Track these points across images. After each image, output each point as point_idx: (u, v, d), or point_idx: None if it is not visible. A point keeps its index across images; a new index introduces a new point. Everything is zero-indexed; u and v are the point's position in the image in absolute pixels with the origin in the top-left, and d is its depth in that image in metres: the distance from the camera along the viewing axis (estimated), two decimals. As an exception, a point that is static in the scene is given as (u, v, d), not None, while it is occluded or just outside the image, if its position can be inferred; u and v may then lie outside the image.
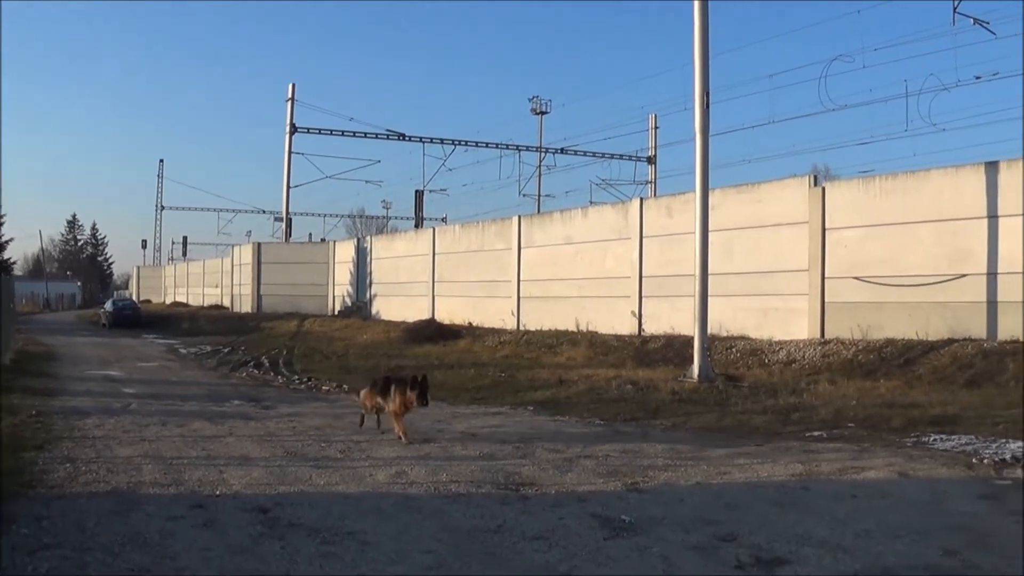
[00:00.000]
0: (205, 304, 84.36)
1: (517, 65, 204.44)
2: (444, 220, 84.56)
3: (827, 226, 27.68)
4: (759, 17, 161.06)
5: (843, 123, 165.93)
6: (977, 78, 41.12)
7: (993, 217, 23.84)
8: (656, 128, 71.66)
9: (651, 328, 32.78)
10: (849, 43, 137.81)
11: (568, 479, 11.36)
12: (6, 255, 72.27)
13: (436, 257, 49.09)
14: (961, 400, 18.90)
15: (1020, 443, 13.77)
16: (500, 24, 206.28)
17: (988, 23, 36.57)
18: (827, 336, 27.13)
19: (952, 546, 8.08)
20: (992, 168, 24.11)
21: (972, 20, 36.21)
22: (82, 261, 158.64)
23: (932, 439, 14.75)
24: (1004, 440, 14.45)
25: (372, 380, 16.22)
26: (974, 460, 12.80)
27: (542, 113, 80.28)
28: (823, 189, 28.28)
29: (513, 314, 41.35)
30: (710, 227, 24.25)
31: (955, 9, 34.98)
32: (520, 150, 69.37)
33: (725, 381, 22.61)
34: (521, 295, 41.39)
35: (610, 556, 7.97)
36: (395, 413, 14.79)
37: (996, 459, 12.91)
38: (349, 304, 59.05)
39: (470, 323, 43.32)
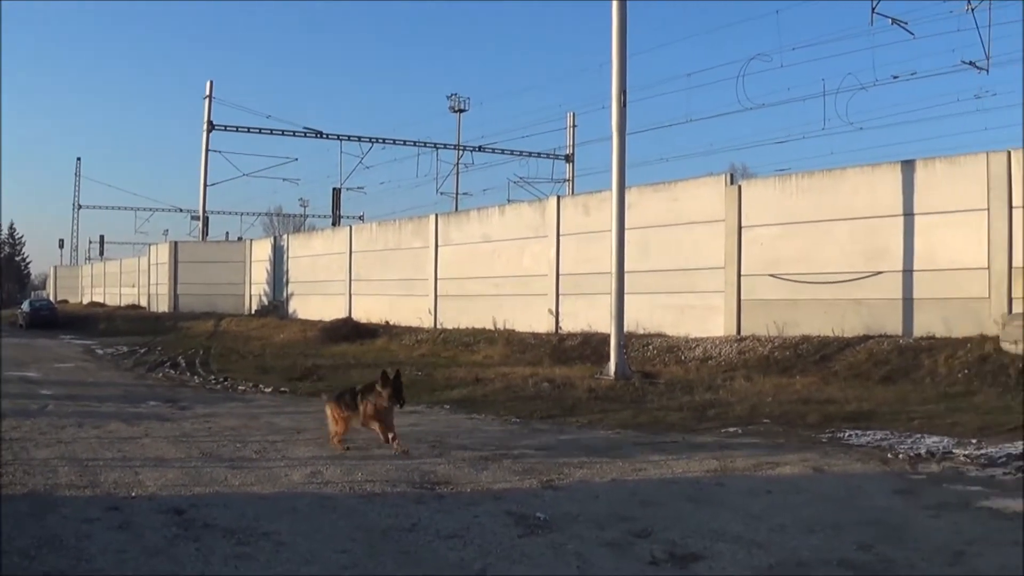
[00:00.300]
0: (122, 304, 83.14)
1: (435, 63, 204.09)
2: (362, 218, 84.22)
3: (743, 224, 27.88)
4: (678, 16, 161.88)
5: (761, 122, 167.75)
6: (895, 77, 41.52)
7: (909, 215, 24.13)
8: (574, 126, 71.83)
9: (568, 326, 32.82)
10: (767, 42, 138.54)
11: (483, 477, 11.30)
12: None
13: (353, 256, 48.86)
14: (877, 396, 19.08)
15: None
16: (417, 21, 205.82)
17: (907, 23, 36.93)
18: (743, 333, 27.33)
19: (866, 540, 8.11)
20: (908, 167, 24.40)
21: (890, 20, 36.56)
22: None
23: (847, 435, 14.84)
24: (920, 435, 14.61)
25: (337, 394, 14.43)
26: (889, 455, 12.90)
27: (460, 111, 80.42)
28: (739, 187, 28.49)
29: (430, 312, 41.22)
30: (627, 225, 24.27)
31: (874, 9, 35.27)
32: (438, 148, 69.26)
33: (641, 378, 22.64)
34: (438, 294, 41.26)
35: (525, 553, 7.92)
36: (369, 418, 13.30)
37: (911, 454, 13.03)
38: (266, 303, 58.68)
39: (387, 322, 43.13)
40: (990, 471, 11.90)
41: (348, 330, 41.38)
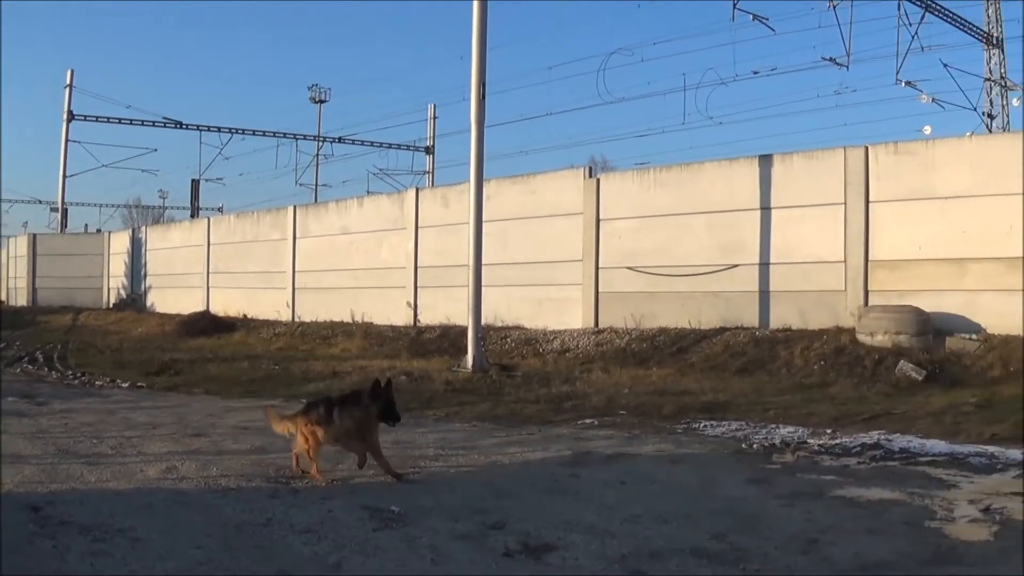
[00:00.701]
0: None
1: (296, 52, 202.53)
2: (220, 210, 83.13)
3: (601, 217, 27.94)
4: (539, 9, 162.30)
5: (622, 115, 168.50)
6: (755, 73, 42.10)
7: (766, 209, 24.40)
8: (435, 118, 71.78)
9: (427, 319, 32.69)
10: (629, 37, 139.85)
11: (338, 470, 11.12)
12: None
13: (211, 248, 48.07)
14: (733, 387, 19.27)
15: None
16: (278, 11, 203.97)
17: (767, 19, 37.42)
18: (601, 325, 27.39)
19: (720, 530, 8.09)
20: (766, 161, 24.66)
21: (752, 16, 37.02)
22: None
23: (703, 425, 14.96)
24: (775, 426, 14.81)
25: (306, 405, 11.42)
26: (744, 446, 12.99)
27: (321, 102, 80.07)
28: (598, 180, 28.56)
29: (288, 306, 40.80)
30: (485, 218, 24.22)
31: (735, 6, 35.71)
32: (298, 139, 68.83)
33: (499, 371, 22.58)
34: (296, 286, 40.84)
35: (379, 547, 7.78)
36: (346, 436, 10.80)
37: (766, 444, 13.15)
38: (124, 296, 57.53)
39: (245, 315, 42.54)
40: (844, 460, 12.03)
41: (206, 324, 40.67)
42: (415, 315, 33.26)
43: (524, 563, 7.40)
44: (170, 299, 50.50)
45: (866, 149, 23.31)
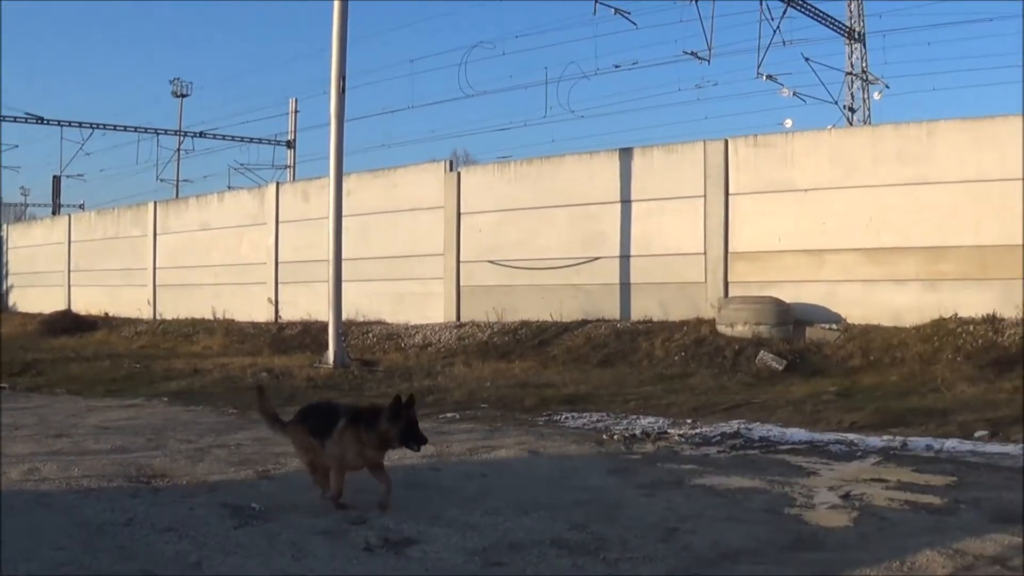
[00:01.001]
0: None
1: (158, 45, 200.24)
2: (82, 207, 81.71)
3: (462, 211, 27.95)
4: (401, 2, 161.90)
5: (484, 109, 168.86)
6: (617, 67, 42.30)
7: (627, 202, 24.59)
8: (296, 112, 71.14)
9: (288, 315, 32.45)
10: (491, 31, 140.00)
11: (199, 469, 10.91)
12: None
13: (72, 245, 47.01)
14: (594, 379, 19.38)
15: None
16: (140, 2, 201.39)
17: (629, 13, 37.58)
18: (463, 319, 27.41)
19: (580, 520, 8.04)
20: (626, 154, 24.87)
21: (614, 10, 37.16)
22: None
23: (564, 417, 15.00)
24: (636, 416, 14.89)
25: (301, 413, 9.64)
26: (605, 436, 13.02)
27: (183, 96, 79.04)
28: (458, 174, 28.53)
29: (150, 303, 40.08)
30: (346, 212, 24.10)
31: (597, 0, 35.83)
32: (159, 134, 67.73)
33: (360, 366, 22.48)
34: (158, 283, 40.17)
35: (240, 544, 7.62)
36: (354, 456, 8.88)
37: (627, 435, 13.18)
38: (-14, 296, 56.68)
39: (107, 313, 41.62)
40: (704, 450, 12.12)
41: (68, 322, 39.90)
42: (276, 311, 33.00)
43: (385, 557, 7.29)
44: (33, 298, 49.58)
45: (726, 142, 23.57)
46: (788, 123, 37.89)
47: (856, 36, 46.92)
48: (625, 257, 24.71)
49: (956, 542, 7.39)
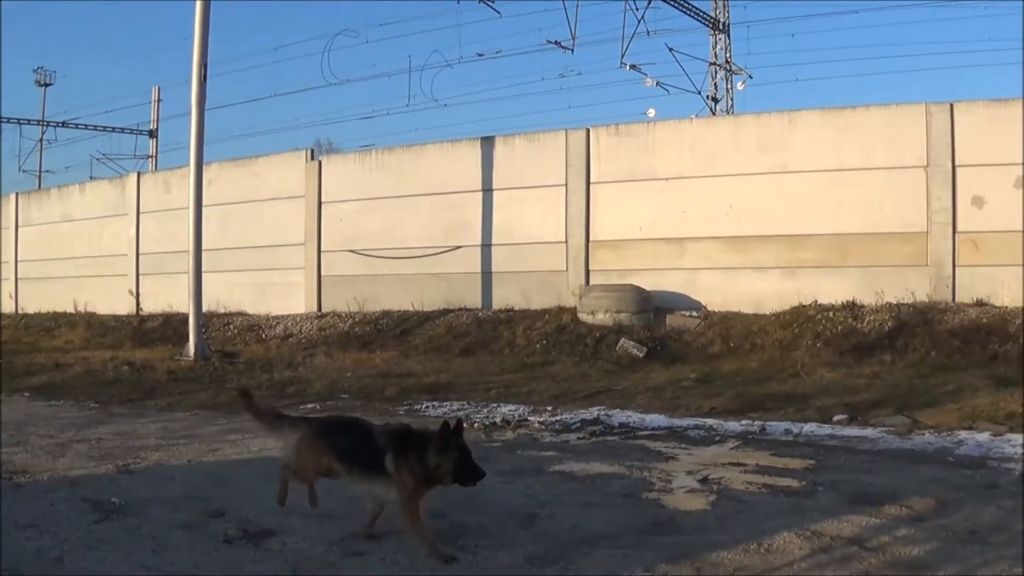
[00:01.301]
0: None
1: (19, 33, 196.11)
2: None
3: (324, 200, 27.86)
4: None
5: (348, 98, 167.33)
6: (480, 55, 42.36)
7: (488, 191, 24.72)
8: (159, 101, 70.30)
9: (150, 307, 31.98)
10: (355, 18, 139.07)
11: (60, 464, 10.76)
12: None
13: (-65, 241, 46.29)
14: (455, 368, 19.54)
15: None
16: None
17: (493, 2, 37.65)
18: (325, 309, 27.35)
19: (440, 507, 7.98)
20: (488, 143, 24.98)
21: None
22: None
23: (425, 406, 15.16)
24: (496, 404, 15.09)
25: (319, 426, 8.14)
26: (465, 425, 13.04)
27: (46, 85, 77.67)
28: (320, 163, 28.44)
29: (11, 297, 39.22)
30: (207, 202, 23.87)
31: (460, -12, 35.93)
32: (21, 124, 66.63)
33: (222, 358, 22.25)
34: (20, 276, 39.21)
35: (100, 539, 7.56)
36: (411, 497, 7.19)
37: (487, 423, 13.39)
38: None
39: (-31, 308, 41.06)
40: (564, 436, 12.30)
41: (-73, 322, 39.27)
42: (137, 304, 32.51)
43: (244, 549, 7.30)
44: None
45: (587, 131, 23.76)
46: (651, 113, 38.26)
47: (720, 27, 47.39)
48: (487, 246, 24.83)
49: (814, 524, 7.58)
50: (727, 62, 47.55)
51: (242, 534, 7.61)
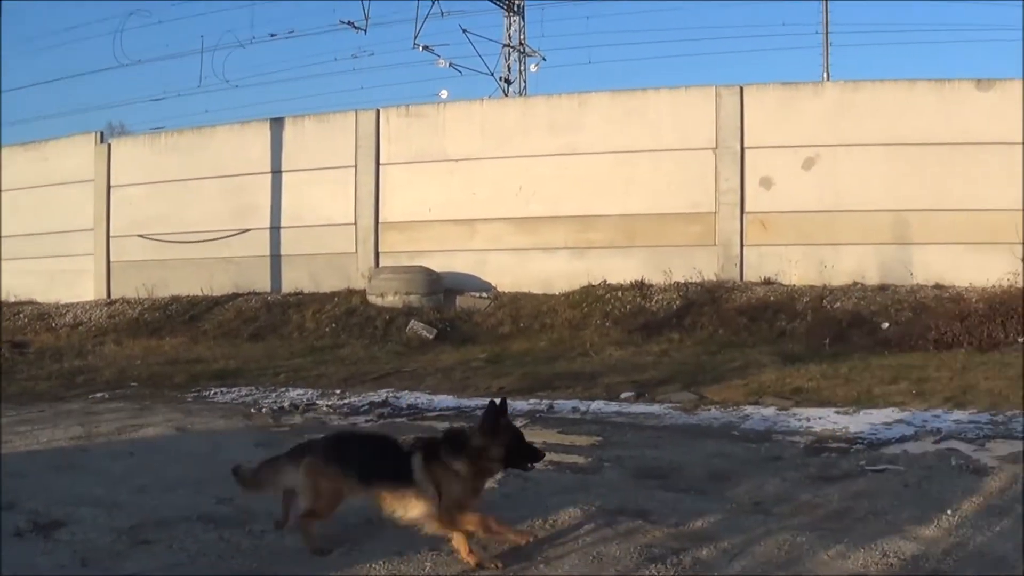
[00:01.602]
0: None
1: None
2: None
3: (113, 183, 27.47)
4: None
5: (139, 79, 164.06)
6: (272, 36, 42.07)
7: (277, 172, 24.71)
8: (-62, 84, 68.59)
9: (-64, 298, 31.28)
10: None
11: None
12: None
13: None
14: (245, 353, 19.57)
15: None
16: None
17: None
18: (114, 296, 27.01)
19: (227, 494, 8.05)
20: (277, 124, 25.01)
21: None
22: None
23: (213, 392, 15.15)
24: (284, 389, 15.17)
25: (324, 448, 6.82)
26: (253, 410, 13.14)
27: None
28: (109, 146, 28.00)
29: None
30: (-5, 188, 23.41)
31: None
32: None
33: (11, 348, 21.80)
34: None
35: None
36: (460, 505, 6.32)
37: (275, 408, 13.45)
38: None
39: None
40: (352, 419, 12.50)
41: None
42: (-81, 294, 31.76)
43: (35, 541, 7.24)
44: None
45: (377, 112, 23.88)
46: (444, 94, 38.17)
47: (515, 8, 47.50)
48: (276, 228, 24.82)
49: (599, 499, 7.82)
50: (521, 44, 47.70)
51: (32, 526, 7.55)
